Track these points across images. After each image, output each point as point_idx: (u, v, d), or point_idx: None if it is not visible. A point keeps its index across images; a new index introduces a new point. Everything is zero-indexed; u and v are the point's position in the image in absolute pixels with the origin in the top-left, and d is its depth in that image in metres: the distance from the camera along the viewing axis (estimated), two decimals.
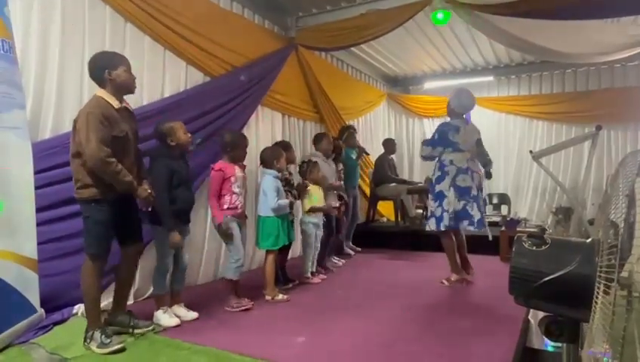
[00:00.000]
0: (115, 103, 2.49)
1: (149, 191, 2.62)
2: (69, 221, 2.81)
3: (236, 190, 3.25)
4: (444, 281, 3.98)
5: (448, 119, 4.08)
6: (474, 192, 3.79)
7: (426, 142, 4.04)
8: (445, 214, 3.78)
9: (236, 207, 3.24)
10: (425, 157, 4.03)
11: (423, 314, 3.18)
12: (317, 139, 4.69)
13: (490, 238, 4.12)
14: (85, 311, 2.54)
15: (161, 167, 2.81)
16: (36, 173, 2.63)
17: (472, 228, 3.80)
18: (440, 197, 3.83)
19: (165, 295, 2.95)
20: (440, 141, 3.87)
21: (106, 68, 2.45)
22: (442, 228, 3.83)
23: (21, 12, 2.73)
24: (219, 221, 3.19)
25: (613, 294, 1.18)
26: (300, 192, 3.95)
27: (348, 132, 5.43)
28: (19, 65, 2.57)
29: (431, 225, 3.91)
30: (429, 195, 4.02)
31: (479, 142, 4.00)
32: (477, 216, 3.77)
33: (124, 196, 2.52)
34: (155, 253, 2.96)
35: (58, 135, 2.88)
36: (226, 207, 3.21)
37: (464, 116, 4.05)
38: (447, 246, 3.98)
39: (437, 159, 3.93)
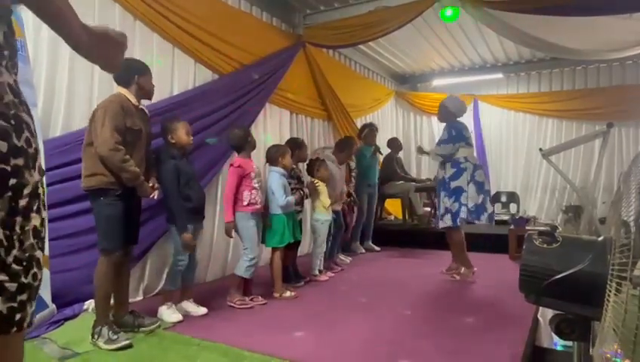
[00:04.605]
0: (134, 101, 2.61)
1: (156, 186, 2.70)
2: (80, 217, 2.84)
3: (256, 185, 3.26)
4: (455, 276, 4.03)
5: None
6: (487, 187, 3.96)
7: (444, 142, 3.98)
8: (464, 208, 3.82)
9: (256, 203, 3.25)
10: (445, 156, 3.98)
11: (432, 311, 3.17)
12: (341, 147, 4.71)
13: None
14: (95, 307, 2.56)
15: (167, 168, 2.82)
16: (47, 170, 2.65)
17: (483, 221, 3.90)
18: (457, 192, 3.87)
19: (175, 291, 2.98)
20: (458, 137, 3.94)
21: (136, 73, 2.60)
22: (458, 223, 3.88)
23: None
24: (227, 220, 3.21)
25: (626, 293, 1.17)
26: (311, 192, 3.97)
27: (369, 129, 5.40)
28: (30, 63, 2.60)
29: (447, 221, 3.92)
30: (442, 193, 4.00)
31: None
32: (490, 209, 3.90)
33: (129, 196, 2.54)
34: (172, 250, 3.01)
35: (69, 133, 2.92)
36: (246, 203, 3.21)
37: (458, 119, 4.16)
38: (458, 242, 4.03)
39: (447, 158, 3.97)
